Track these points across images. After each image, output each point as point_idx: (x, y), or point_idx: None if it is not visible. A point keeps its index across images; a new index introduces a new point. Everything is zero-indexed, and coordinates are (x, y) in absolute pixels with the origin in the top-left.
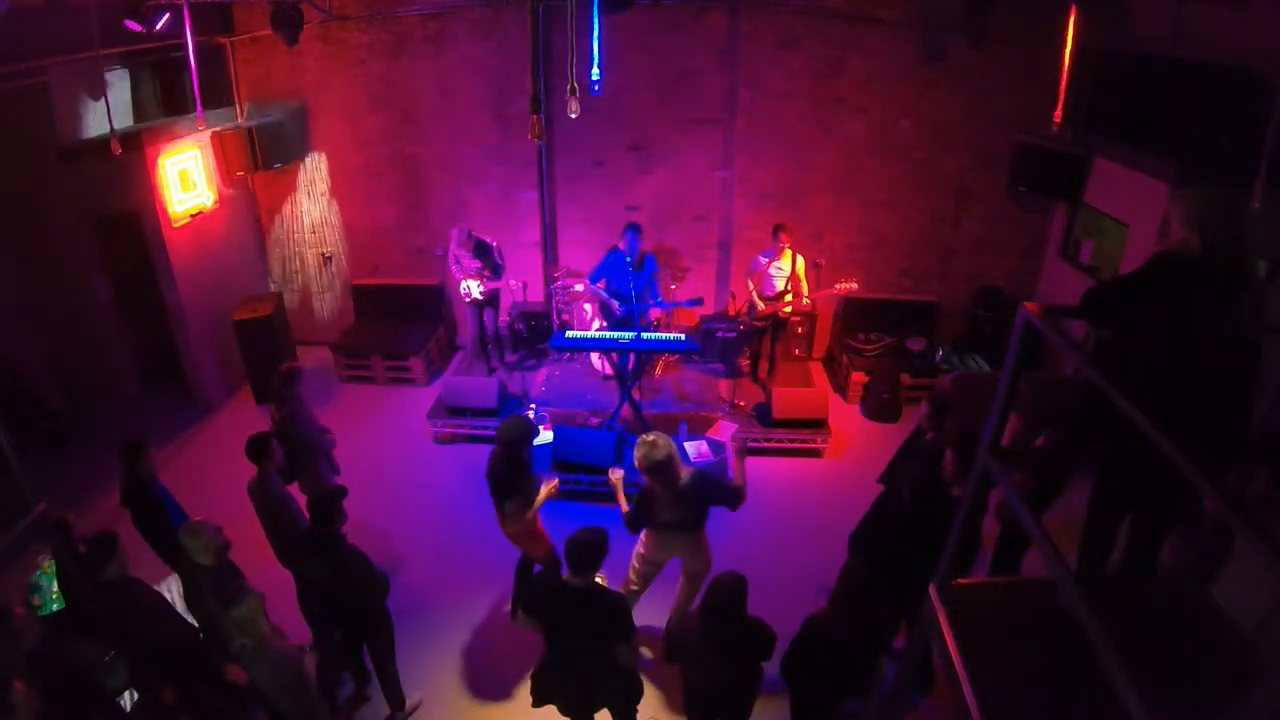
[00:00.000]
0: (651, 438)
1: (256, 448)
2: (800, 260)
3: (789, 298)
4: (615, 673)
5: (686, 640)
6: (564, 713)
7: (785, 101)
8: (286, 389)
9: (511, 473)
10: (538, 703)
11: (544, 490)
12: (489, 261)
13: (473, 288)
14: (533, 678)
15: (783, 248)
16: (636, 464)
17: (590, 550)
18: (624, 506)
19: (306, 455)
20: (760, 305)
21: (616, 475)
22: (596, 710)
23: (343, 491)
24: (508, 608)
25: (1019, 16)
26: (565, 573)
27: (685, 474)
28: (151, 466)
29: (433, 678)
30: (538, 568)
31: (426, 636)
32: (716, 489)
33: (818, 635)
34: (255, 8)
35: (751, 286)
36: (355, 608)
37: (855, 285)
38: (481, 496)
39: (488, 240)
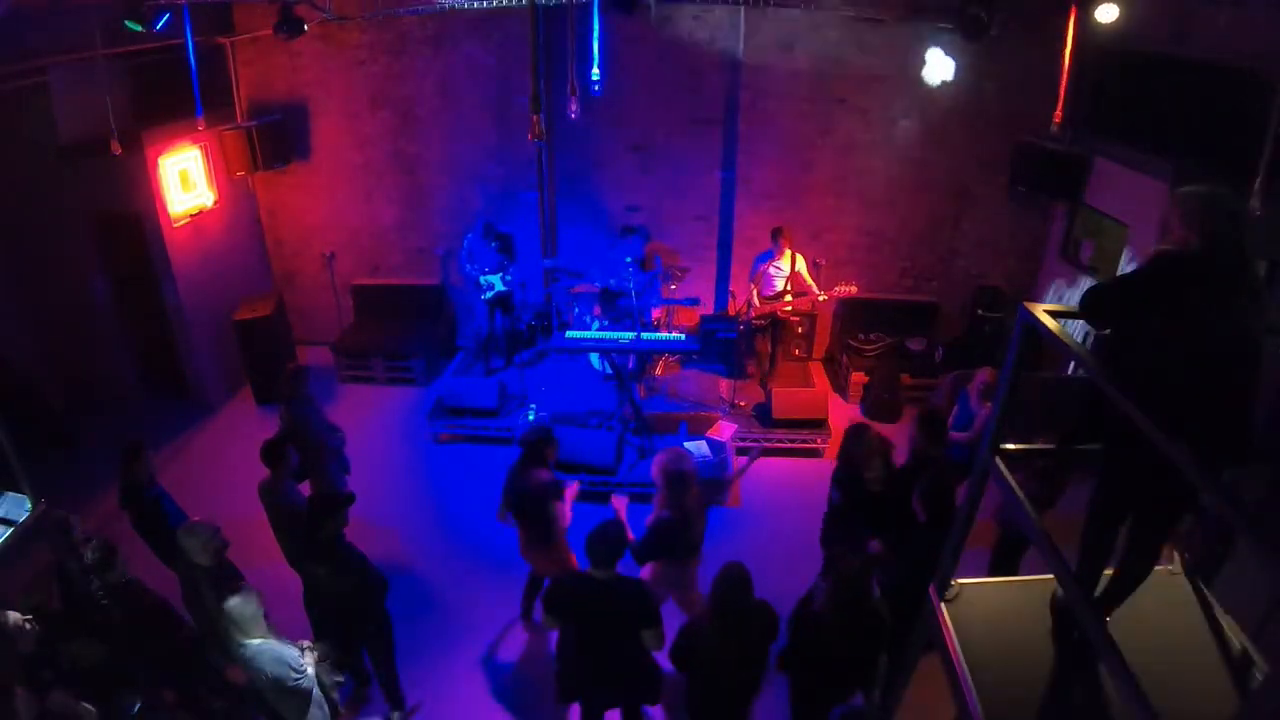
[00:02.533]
0: (677, 453)
1: (272, 453)
2: (800, 260)
3: (788, 297)
4: (639, 666)
5: (696, 633)
6: (586, 709)
7: (785, 101)
8: (295, 388)
9: (538, 480)
10: (564, 700)
11: (568, 491)
12: (510, 252)
13: (496, 282)
14: (558, 676)
15: (782, 249)
16: (656, 472)
17: (611, 542)
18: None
19: (316, 455)
20: (757, 303)
21: (620, 503)
22: (612, 707)
23: (350, 499)
24: (508, 607)
25: (1019, 16)
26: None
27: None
28: (150, 468)
29: (433, 678)
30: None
31: (426, 636)
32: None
33: (816, 631)
34: (255, 8)
35: (752, 287)
36: (353, 609)
37: (854, 288)
38: (481, 497)
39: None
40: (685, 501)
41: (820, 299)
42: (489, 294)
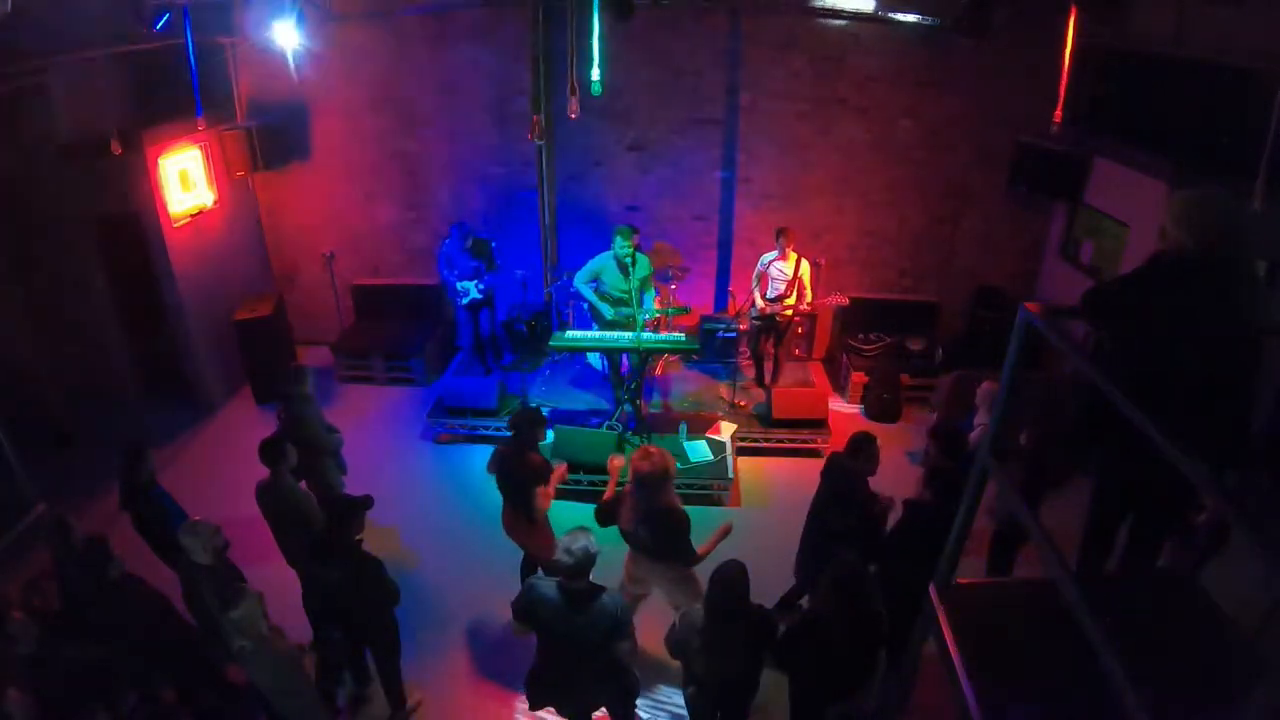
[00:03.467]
0: (653, 451)
1: (271, 451)
2: (805, 264)
3: (790, 300)
4: (613, 672)
5: (691, 632)
6: (561, 713)
7: (785, 101)
8: (295, 387)
9: (527, 463)
10: (535, 705)
11: (556, 473)
12: (488, 259)
13: (471, 289)
14: (527, 681)
15: (786, 251)
16: (631, 468)
17: (583, 559)
18: (609, 494)
19: (314, 455)
20: (760, 304)
21: (616, 462)
22: (594, 710)
23: (368, 502)
24: (507, 607)
25: (1019, 16)
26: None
27: (668, 502)
28: (151, 469)
29: (433, 678)
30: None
31: (427, 636)
32: (678, 536)
33: (815, 630)
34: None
35: (755, 287)
36: (363, 613)
37: (846, 300)
38: (481, 497)
39: (484, 236)
40: (653, 504)
41: (805, 304)
42: (464, 300)
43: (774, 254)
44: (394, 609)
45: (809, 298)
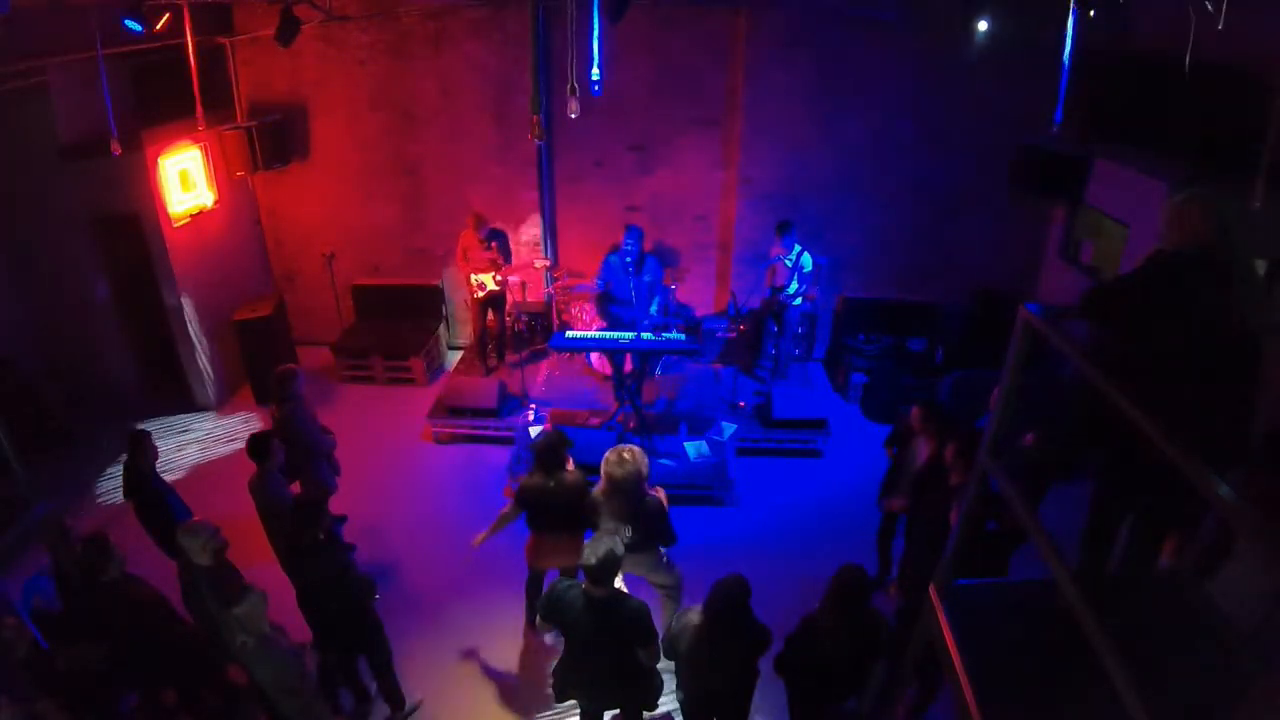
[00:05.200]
0: (626, 453)
1: (258, 447)
2: (807, 256)
3: (793, 289)
4: (634, 675)
5: (685, 639)
6: (585, 708)
7: (785, 101)
8: (285, 389)
9: (568, 487)
10: (559, 698)
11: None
12: (504, 250)
13: (487, 281)
14: (554, 673)
15: (789, 245)
16: (602, 471)
17: (608, 563)
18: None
19: (306, 455)
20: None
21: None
22: (614, 708)
23: (323, 496)
24: (508, 607)
25: (1019, 16)
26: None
27: (647, 499)
28: (153, 457)
29: (433, 678)
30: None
31: (427, 636)
32: (661, 524)
33: (813, 635)
34: (255, 8)
35: (766, 277)
36: (342, 612)
37: (813, 295)
38: (481, 497)
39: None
40: (631, 503)
41: (796, 292)
42: (480, 293)
43: (777, 248)
44: (370, 604)
45: (801, 289)
